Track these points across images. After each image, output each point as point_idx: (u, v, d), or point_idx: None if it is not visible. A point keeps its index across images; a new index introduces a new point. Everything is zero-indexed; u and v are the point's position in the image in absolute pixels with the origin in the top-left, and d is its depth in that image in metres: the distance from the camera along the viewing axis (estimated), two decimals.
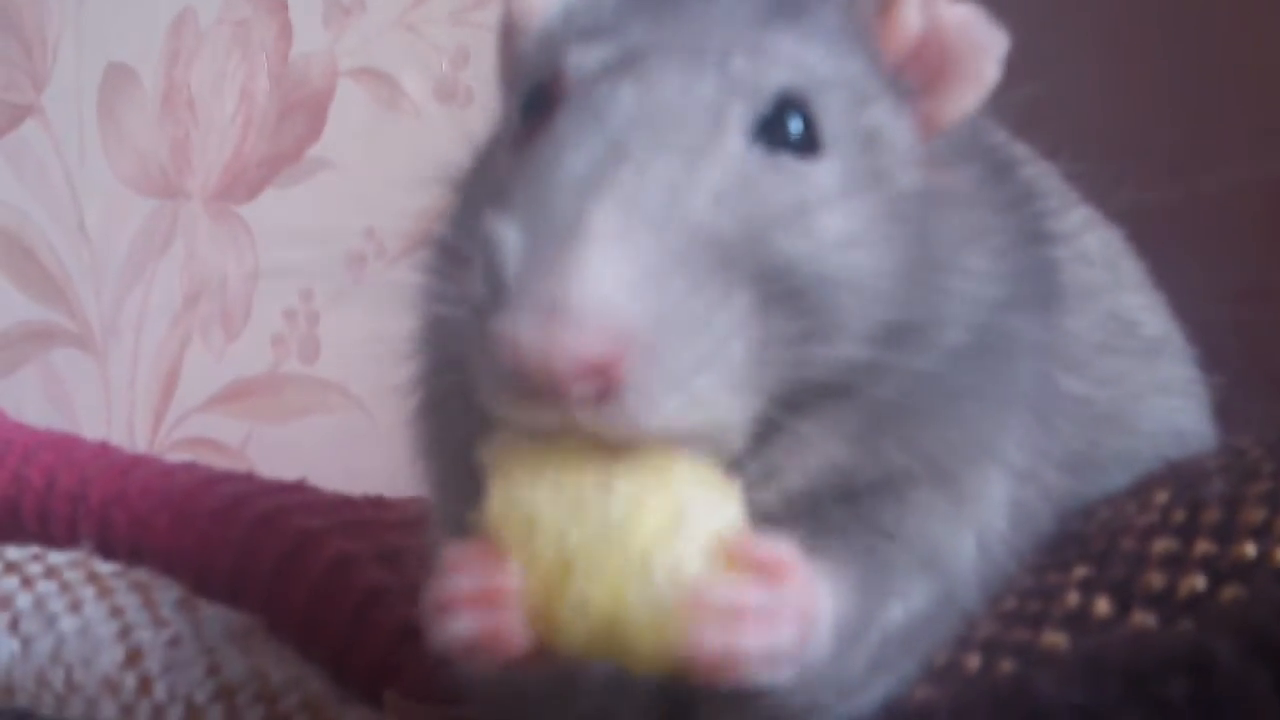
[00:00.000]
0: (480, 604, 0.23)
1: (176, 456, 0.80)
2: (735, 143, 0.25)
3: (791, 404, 0.25)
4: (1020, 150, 0.35)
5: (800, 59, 0.27)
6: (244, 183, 0.77)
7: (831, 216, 0.25)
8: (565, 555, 0.23)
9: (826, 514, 0.27)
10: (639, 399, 0.22)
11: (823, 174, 0.26)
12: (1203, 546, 0.28)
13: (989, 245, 0.29)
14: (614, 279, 0.21)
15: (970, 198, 0.29)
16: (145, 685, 0.34)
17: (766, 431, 0.26)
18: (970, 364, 0.28)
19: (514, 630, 0.23)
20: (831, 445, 0.27)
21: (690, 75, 0.25)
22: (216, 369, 0.79)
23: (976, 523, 0.28)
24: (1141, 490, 0.32)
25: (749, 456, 0.26)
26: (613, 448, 0.23)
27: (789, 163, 0.25)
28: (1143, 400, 0.37)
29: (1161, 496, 0.31)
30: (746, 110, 0.25)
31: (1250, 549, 0.27)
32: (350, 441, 0.73)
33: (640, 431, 0.22)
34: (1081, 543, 0.30)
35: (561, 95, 0.26)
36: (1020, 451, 0.29)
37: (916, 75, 0.29)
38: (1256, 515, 0.28)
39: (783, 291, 0.24)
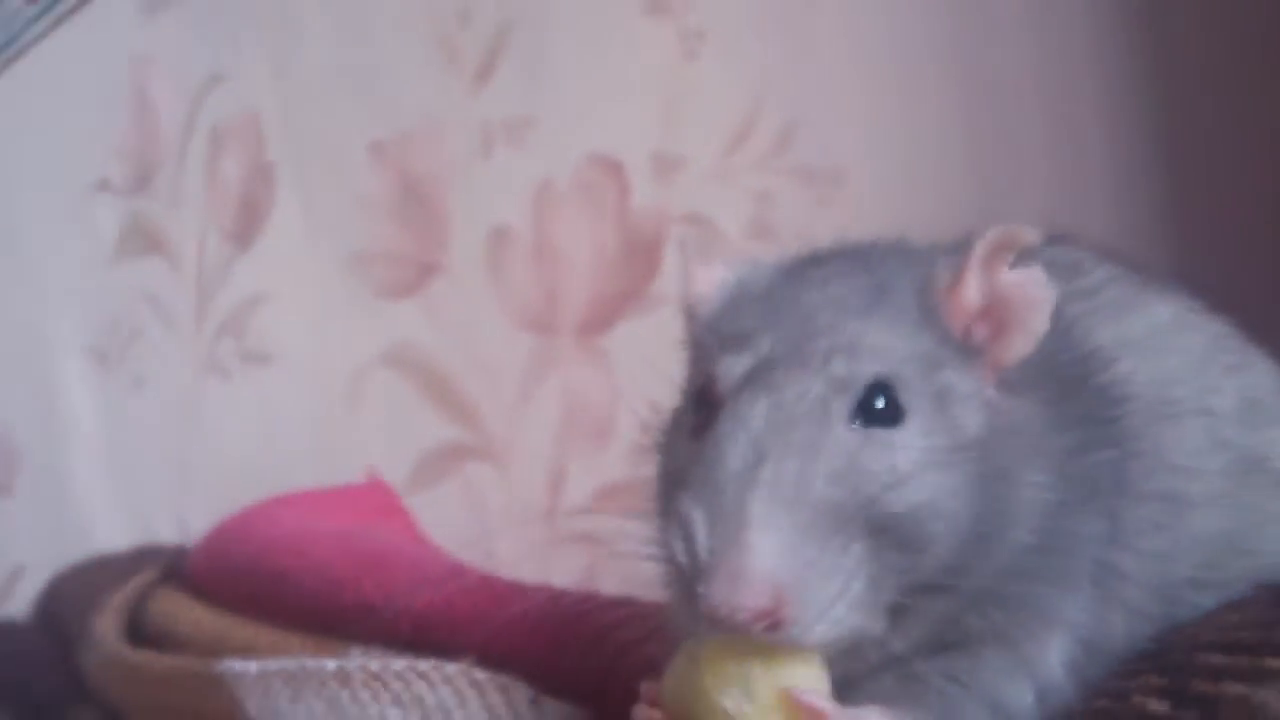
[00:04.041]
0: None
1: (566, 549, 1.01)
2: (839, 430, 0.37)
3: (908, 597, 0.39)
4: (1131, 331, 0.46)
5: (884, 345, 0.39)
6: (601, 318, 0.97)
7: (916, 473, 0.37)
8: (682, 710, 0.38)
9: (916, 668, 0.40)
10: (798, 628, 0.35)
11: (906, 436, 0.38)
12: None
13: (1046, 460, 0.40)
14: (769, 554, 0.35)
15: (1029, 421, 0.40)
16: None
17: (897, 614, 0.39)
18: (1035, 557, 0.39)
19: None
20: (931, 622, 0.39)
21: (803, 383, 0.38)
22: (592, 475, 0.99)
23: (1035, 678, 0.40)
24: (1221, 611, 0.42)
25: (891, 628, 0.39)
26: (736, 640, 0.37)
27: (879, 434, 0.37)
28: (1266, 528, 0.46)
29: (1234, 618, 0.41)
30: (845, 401, 0.37)
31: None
32: None
33: (798, 643, 0.36)
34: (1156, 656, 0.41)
35: (717, 399, 0.39)
36: (1082, 618, 0.40)
37: (985, 329, 0.40)
38: None
39: (884, 531, 0.36)
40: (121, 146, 1.33)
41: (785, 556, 0.35)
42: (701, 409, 0.40)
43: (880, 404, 0.38)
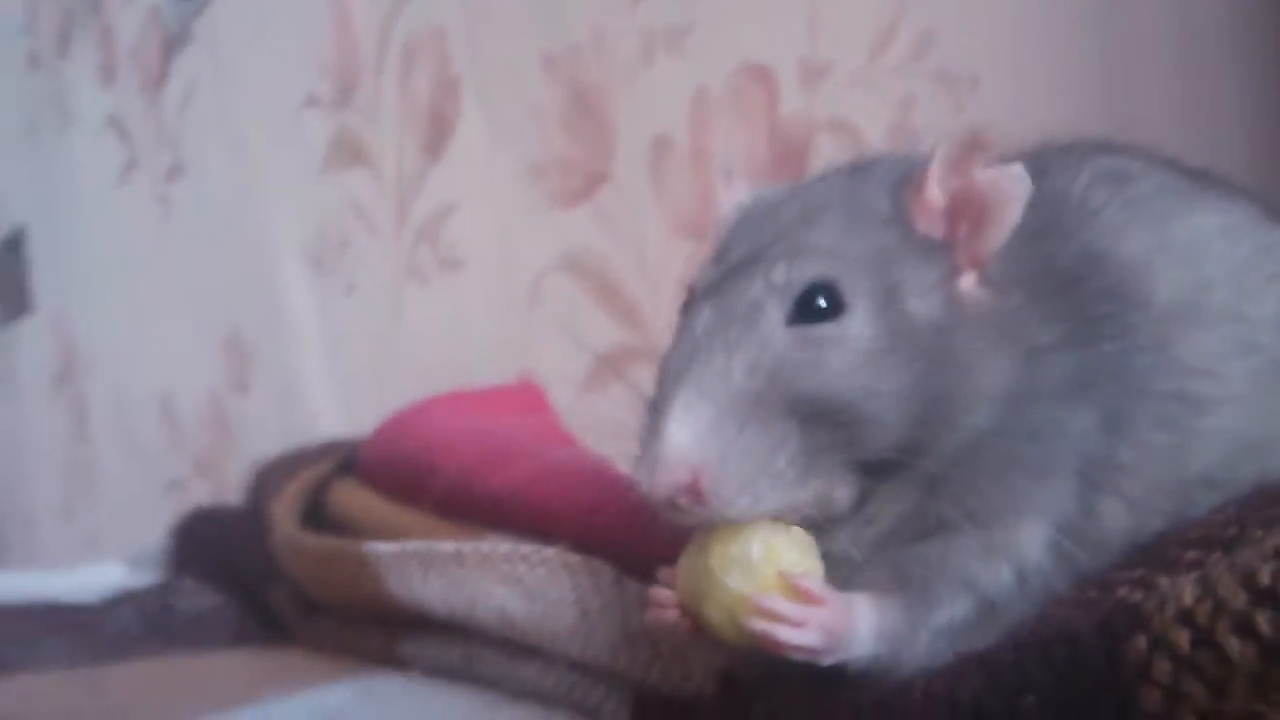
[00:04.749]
0: (659, 606, 0.45)
1: None
2: (766, 328, 0.42)
3: (871, 476, 0.43)
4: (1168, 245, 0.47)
5: (833, 247, 0.43)
6: None
7: (841, 360, 0.41)
8: (691, 589, 0.43)
9: (895, 556, 0.44)
10: (718, 501, 0.40)
11: (839, 328, 0.42)
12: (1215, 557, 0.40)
13: (1016, 349, 0.43)
14: (684, 437, 0.40)
15: (1001, 313, 0.43)
16: (589, 633, 0.59)
17: (863, 496, 0.43)
18: (999, 442, 0.43)
19: (673, 621, 0.44)
20: (903, 502, 0.43)
21: (744, 288, 0.42)
22: None
23: (1011, 560, 0.43)
24: (1216, 508, 0.44)
25: (854, 513, 0.44)
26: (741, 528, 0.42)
27: (813, 329, 0.42)
28: None
29: (1219, 516, 0.43)
30: (780, 303, 0.42)
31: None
32: None
33: (726, 518, 0.41)
34: (1149, 550, 0.43)
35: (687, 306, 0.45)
36: (1061, 505, 0.43)
37: (963, 226, 0.44)
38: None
39: (812, 414, 0.41)
40: (325, 63, 1.43)
41: (701, 440, 0.40)
42: (681, 314, 0.45)
43: (821, 302, 0.42)
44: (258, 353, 1.65)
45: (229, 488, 1.69)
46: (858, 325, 0.42)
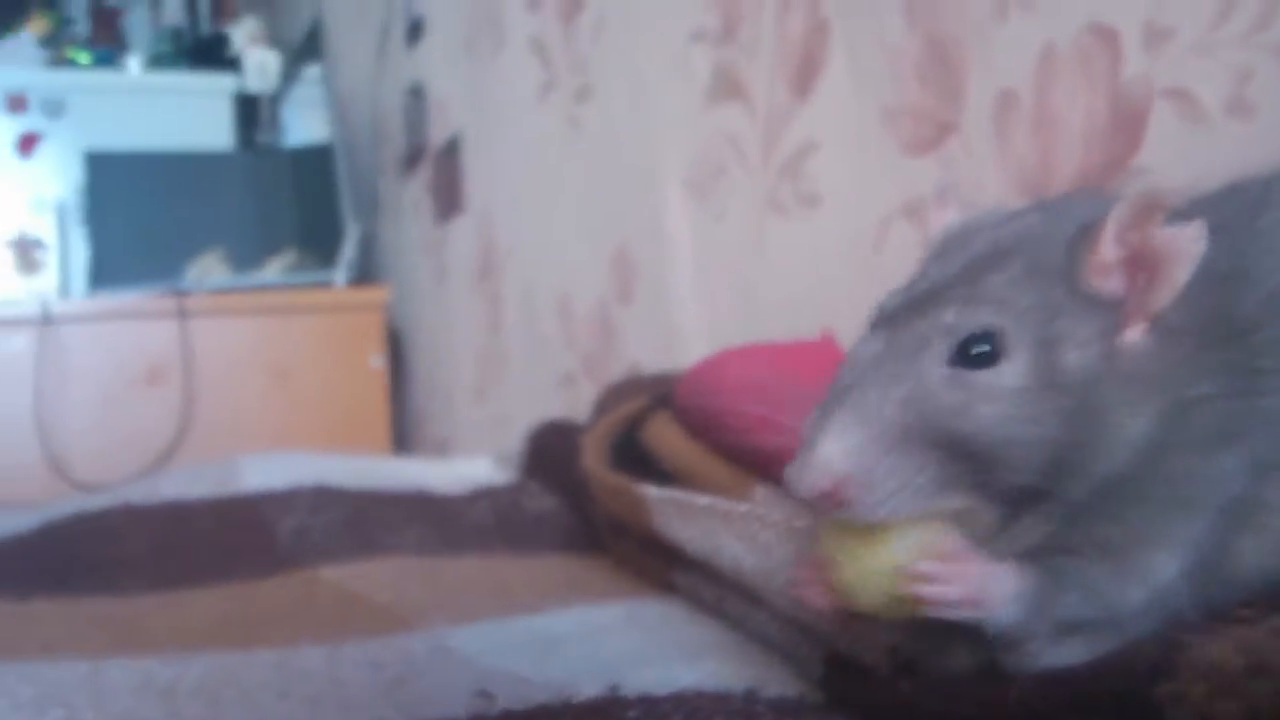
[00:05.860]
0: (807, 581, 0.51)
1: None
2: (925, 367, 0.46)
3: (1012, 505, 0.47)
4: None
5: (1005, 298, 0.46)
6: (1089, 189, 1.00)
7: (987, 408, 0.45)
8: (832, 558, 0.49)
9: (1038, 557, 0.47)
10: (859, 508, 0.46)
11: (991, 377, 0.45)
12: None
13: (1163, 402, 0.45)
14: (833, 451, 0.46)
15: (1152, 366, 0.45)
16: None
17: (1004, 522, 0.47)
18: (1134, 486, 0.45)
19: (821, 596, 0.50)
20: (1042, 529, 0.47)
21: (917, 326, 0.47)
22: None
23: (1143, 584, 0.45)
24: None
25: (996, 536, 0.48)
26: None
27: (969, 374, 0.46)
28: None
29: None
30: (944, 345, 0.46)
31: None
32: None
33: (868, 520, 0.47)
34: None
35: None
36: (1197, 540, 0.45)
37: (1140, 280, 0.46)
38: None
39: (955, 450, 0.46)
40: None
41: (849, 455, 0.46)
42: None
43: (981, 349, 0.46)
44: (640, 268, 1.78)
45: None
46: (1011, 376, 0.46)
